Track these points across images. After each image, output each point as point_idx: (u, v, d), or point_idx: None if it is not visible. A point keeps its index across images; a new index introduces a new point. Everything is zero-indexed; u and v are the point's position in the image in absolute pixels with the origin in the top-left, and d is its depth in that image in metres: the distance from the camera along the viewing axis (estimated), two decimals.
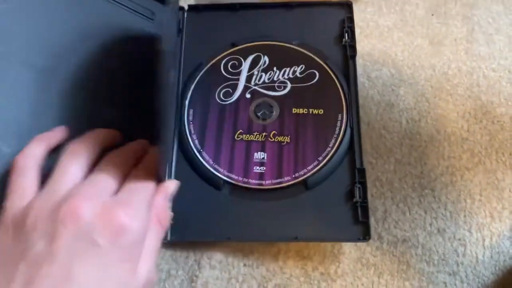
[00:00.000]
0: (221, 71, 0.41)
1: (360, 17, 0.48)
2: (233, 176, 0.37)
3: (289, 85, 0.40)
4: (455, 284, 0.36)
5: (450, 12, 0.48)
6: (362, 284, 0.36)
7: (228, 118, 0.39)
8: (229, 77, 0.40)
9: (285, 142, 0.38)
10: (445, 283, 0.36)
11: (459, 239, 0.38)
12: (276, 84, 0.40)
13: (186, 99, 0.40)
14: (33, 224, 0.25)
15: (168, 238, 0.35)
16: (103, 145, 0.31)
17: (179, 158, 0.38)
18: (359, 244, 0.37)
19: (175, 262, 0.37)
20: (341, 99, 0.39)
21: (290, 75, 0.40)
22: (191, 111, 0.39)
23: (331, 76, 0.40)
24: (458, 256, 0.37)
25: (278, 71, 0.40)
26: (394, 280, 0.37)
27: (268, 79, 0.40)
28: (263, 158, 0.37)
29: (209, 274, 0.37)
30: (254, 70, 0.41)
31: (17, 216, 0.26)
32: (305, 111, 0.39)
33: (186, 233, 0.36)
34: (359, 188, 0.36)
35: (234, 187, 0.37)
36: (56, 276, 0.24)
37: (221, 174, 0.37)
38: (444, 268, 0.37)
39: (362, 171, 0.36)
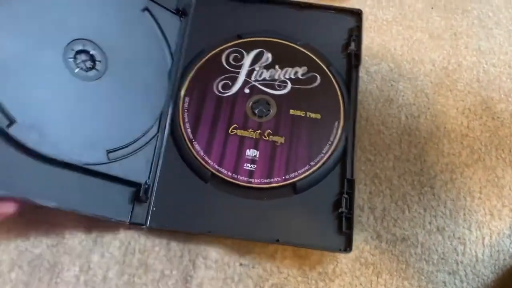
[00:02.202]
0: (222, 62, 0.40)
1: None
2: (222, 170, 0.36)
3: (289, 85, 0.39)
4: (455, 284, 0.36)
5: (450, 6, 0.47)
6: (361, 284, 0.36)
7: (224, 111, 0.38)
8: (229, 69, 0.40)
9: (279, 143, 0.37)
10: (444, 282, 0.36)
11: (459, 238, 0.37)
12: (276, 83, 0.39)
13: (183, 86, 0.39)
14: None
15: (147, 224, 0.35)
16: None
17: (169, 145, 0.37)
18: (357, 243, 0.37)
19: (169, 262, 0.36)
20: (340, 107, 0.39)
21: (292, 76, 0.40)
22: (186, 99, 0.38)
23: (332, 82, 0.39)
24: (457, 255, 0.37)
25: (280, 70, 0.40)
26: (393, 279, 0.36)
27: (269, 76, 0.39)
28: (255, 156, 0.37)
29: (204, 274, 0.36)
30: (255, 65, 0.40)
31: None
32: (303, 113, 0.38)
33: (166, 221, 0.35)
34: (346, 198, 0.35)
35: (221, 181, 0.36)
36: None
37: (210, 166, 0.36)
38: (443, 267, 0.36)
39: (351, 182, 0.36)
